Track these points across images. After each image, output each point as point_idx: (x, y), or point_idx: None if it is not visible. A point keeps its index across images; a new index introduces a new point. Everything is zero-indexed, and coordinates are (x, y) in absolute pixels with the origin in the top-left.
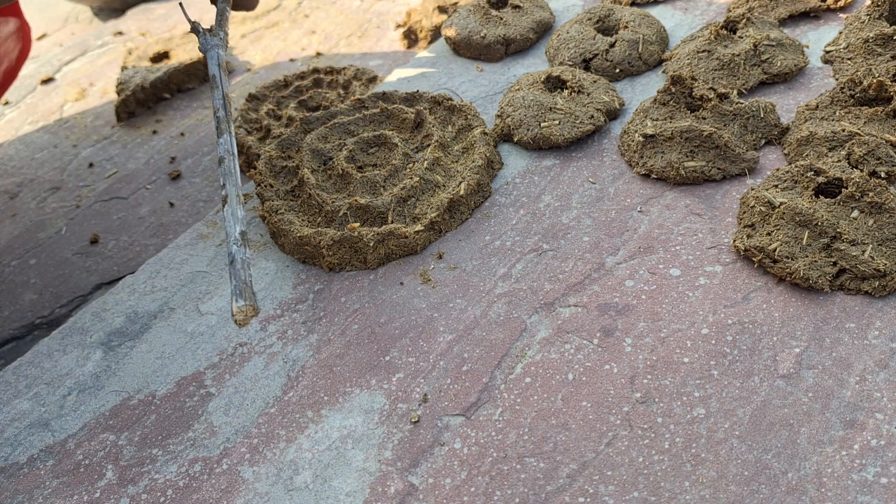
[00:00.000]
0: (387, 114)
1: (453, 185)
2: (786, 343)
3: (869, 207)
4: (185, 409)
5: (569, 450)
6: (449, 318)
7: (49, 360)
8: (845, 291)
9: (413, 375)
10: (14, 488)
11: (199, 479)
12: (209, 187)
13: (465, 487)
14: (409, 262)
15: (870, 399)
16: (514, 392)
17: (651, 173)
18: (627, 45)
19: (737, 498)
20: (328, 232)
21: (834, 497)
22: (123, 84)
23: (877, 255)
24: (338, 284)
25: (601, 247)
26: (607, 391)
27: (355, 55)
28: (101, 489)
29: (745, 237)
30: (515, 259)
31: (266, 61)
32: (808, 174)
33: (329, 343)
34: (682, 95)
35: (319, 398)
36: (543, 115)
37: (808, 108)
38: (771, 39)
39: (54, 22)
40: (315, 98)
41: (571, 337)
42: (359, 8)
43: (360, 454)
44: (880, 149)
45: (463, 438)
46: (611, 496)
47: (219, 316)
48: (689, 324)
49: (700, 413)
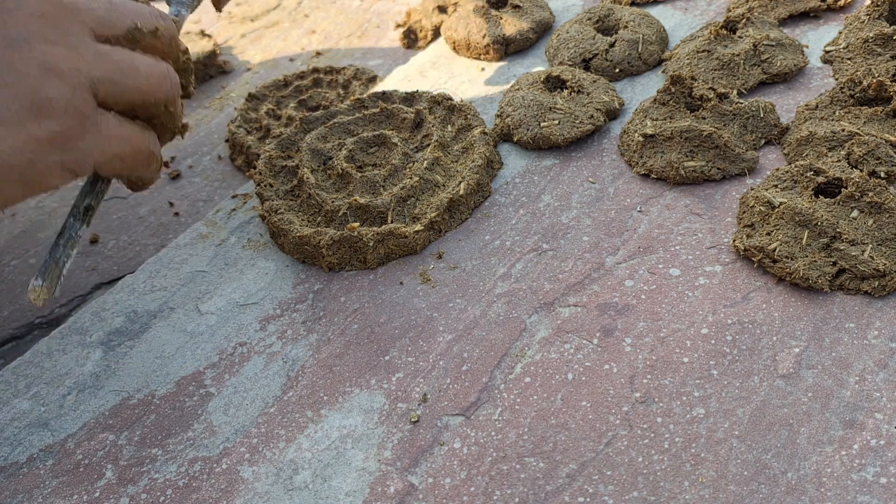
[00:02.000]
0: (386, 113)
1: (453, 184)
2: (785, 343)
3: (869, 207)
4: (184, 408)
5: (568, 449)
6: (449, 318)
7: (48, 359)
8: (845, 291)
9: (413, 375)
10: (14, 488)
11: (199, 479)
12: (209, 187)
13: (464, 487)
14: (409, 262)
15: (869, 399)
16: (513, 392)
17: (651, 173)
18: (627, 44)
19: (736, 498)
20: (328, 232)
21: (833, 497)
22: None
23: (876, 254)
24: (337, 284)
25: (601, 246)
26: (607, 391)
27: (355, 55)
28: (101, 489)
29: (744, 237)
30: (515, 259)
31: (266, 61)
32: (807, 174)
33: (329, 343)
34: (681, 95)
35: (319, 398)
36: (543, 115)
37: (807, 108)
38: (771, 39)
39: None
40: (315, 98)
41: (571, 337)
42: (359, 8)
43: (359, 454)
44: (880, 149)
45: (462, 438)
46: (610, 496)
47: (218, 316)
48: (688, 323)
49: (700, 413)
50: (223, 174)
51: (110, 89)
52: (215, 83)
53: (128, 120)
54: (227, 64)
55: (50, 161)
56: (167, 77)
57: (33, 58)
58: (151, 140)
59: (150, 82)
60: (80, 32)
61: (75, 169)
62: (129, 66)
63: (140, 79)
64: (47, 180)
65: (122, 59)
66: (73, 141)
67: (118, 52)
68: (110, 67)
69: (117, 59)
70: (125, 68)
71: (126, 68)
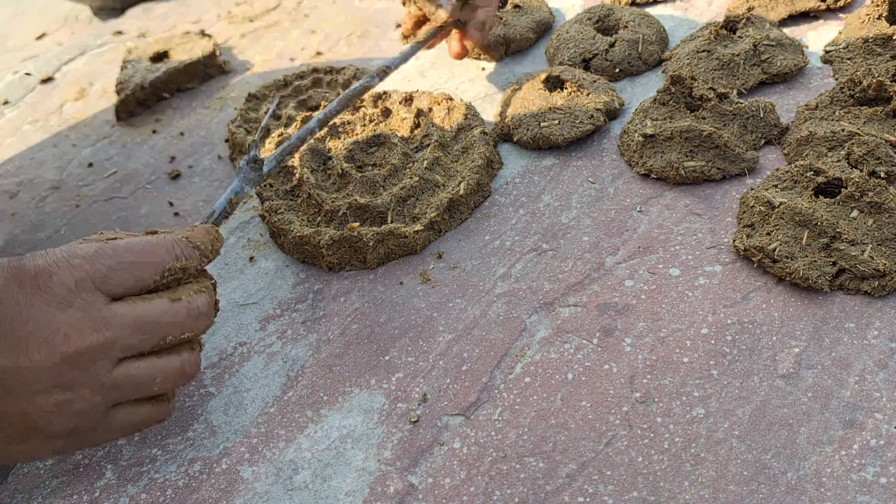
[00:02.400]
0: (386, 113)
1: (453, 184)
2: (785, 343)
3: (868, 207)
4: (184, 408)
5: (568, 449)
6: (448, 318)
7: None
8: (845, 291)
9: (412, 375)
10: (13, 488)
11: (199, 479)
12: (209, 187)
13: (464, 487)
14: (409, 262)
15: (869, 399)
16: (513, 392)
17: (651, 173)
18: (627, 44)
19: (736, 498)
20: (328, 231)
21: (833, 497)
22: (123, 83)
23: (876, 254)
24: (337, 284)
25: (601, 246)
26: (607, 391)
27: (355, 55)
28: (101, 489)
29: (744, 237)
30: (515, 259)
31: (266, 61)
32: (807, 174)
33: (328, 343)
34: (681, 95)
35: (319, 398)
36: (543, 115)
37: (807, 108)
38: (771, 39)
39: (54, 21)
40: (315, 98)
41: (571, 337)
42: (359, 8)
43: (359, 454)
44: (880, 149)
45: (462, 438)
46: (610, 496)
47: (218, 315)
48: (688, 323)
49: (699, 413)
50: (223, 174)
51: (139, 346)
52: (215, 83)
53: (142, 402)
54: (227, 64)
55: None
56: (185, 314)
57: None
58: (167, 408)
59: (176, 328)
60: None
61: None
62: (151, 327)
63: (165, 329)
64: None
65: (140, 321)
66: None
67: (138, 311)
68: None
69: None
70: (147, 328)
71: (147, 332)
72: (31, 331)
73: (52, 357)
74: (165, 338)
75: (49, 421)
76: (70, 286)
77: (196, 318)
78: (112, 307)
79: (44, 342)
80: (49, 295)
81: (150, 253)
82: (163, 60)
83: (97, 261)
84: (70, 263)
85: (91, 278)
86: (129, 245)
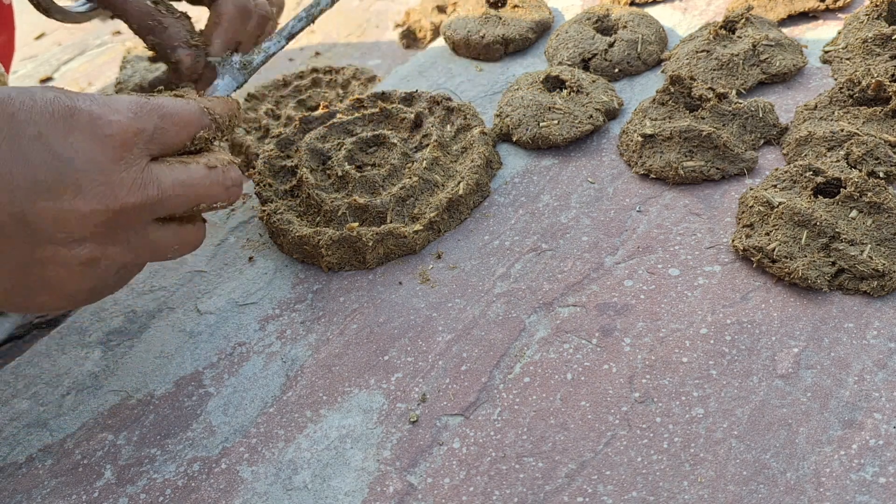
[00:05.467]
0: (385, 113)
1: (452, 184)
2: (784, 343)
3: (868, 207)
4: (183, 408)
5: (567, 449)
6: (448, 318)
7: (47, 359)
8: (844, 291)
9: (412, 375)
10: (13, 488)
11: (198, 479)
12: None
13: (463, 487)
14: (408, 262)
15: (868, 399)
16: (512, 392)
17: (650, 173)
18: (626, 44)
19: (735, 497)
20: (327, 231)
21: (832, 497)
22: (122, 83)
23: (875, 254)
24: (336, 284)
25: (600, 246)
26: (606, 391)
27: (354, 55)
28: (100, 489)
29: (743, 237)
30: (514, 259)
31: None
32: (806, 174)
33: (328, 343)
34: (680, 95)
35: (318, 398)
36: (542, 115)
37: (806, 108)
38: (770, 39)
39: (53, 21)
40: (314, 97)
41: (570, 337)
42: (358, 7)
43: (358, 454)
44: (879, 149)
45: (462, 438)
46: (609, 496)
47: (218, 315)
48: (687, 323)
49: (699, 413)
50: None
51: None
52: None
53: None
54: None
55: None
56: (221, 182)
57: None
58: (201, 229)
59: (210, 196)
60: (141, 156)
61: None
62: (186, 191)
63: (201, 196)
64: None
65: (180, 184)
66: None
67: (174, 174)
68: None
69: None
70: (186, 192)
71: (183, 196)
72: (79, 178)
73: (97, 207)
74: (199, 204)
75: (70, 276)
76: (125, 140)
77: (228, 188)
78: (153, 167)
79: (91, 192)
80: (103, 146)
81: (187, 115)
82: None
83: (147, 118)
84: (124, 115)
85: (141, 134)
86: (171, 106)
